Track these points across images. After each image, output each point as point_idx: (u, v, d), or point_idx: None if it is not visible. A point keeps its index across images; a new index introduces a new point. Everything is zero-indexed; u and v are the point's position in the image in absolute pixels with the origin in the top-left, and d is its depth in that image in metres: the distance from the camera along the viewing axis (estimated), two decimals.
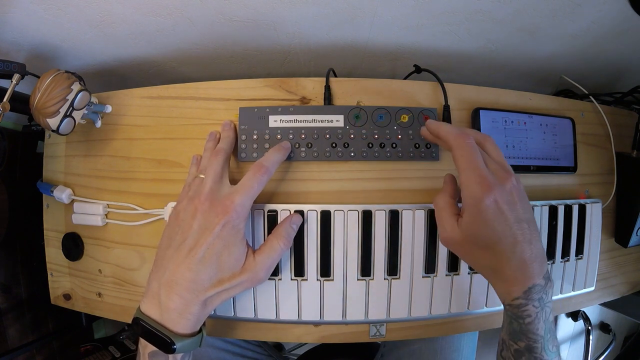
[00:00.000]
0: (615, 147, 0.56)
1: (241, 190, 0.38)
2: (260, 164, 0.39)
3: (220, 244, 0.36)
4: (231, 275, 0.37)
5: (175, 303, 0.35)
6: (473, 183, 0.34)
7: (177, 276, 0.35)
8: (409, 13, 0.49)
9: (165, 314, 0.35)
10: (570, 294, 0.51)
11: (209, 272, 0.36)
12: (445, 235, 0.38)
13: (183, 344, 0.35)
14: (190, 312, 0.35)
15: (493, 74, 0.71)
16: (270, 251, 0.39)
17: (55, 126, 0.41)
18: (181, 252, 0.36)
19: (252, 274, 0.38)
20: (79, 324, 0.83)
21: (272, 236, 0.40)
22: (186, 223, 0.37)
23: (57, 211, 0.52)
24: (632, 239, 0.55)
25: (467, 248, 0.36)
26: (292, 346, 1.12)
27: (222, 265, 0.36)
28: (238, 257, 0.37)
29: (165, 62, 0.61)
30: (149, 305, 0.36)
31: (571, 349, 1.18)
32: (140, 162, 0.48)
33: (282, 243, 0.40)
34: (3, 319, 0.73)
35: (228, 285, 0.36)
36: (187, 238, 0.36)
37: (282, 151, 0.42)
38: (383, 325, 0.47)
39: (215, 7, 0.47)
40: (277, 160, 0.41)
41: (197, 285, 0.35)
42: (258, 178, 0.38)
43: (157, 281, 0.36)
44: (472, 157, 0.35)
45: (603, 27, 0.52)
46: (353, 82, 0.47)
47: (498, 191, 0.34)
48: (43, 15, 0.45)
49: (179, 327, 0.35)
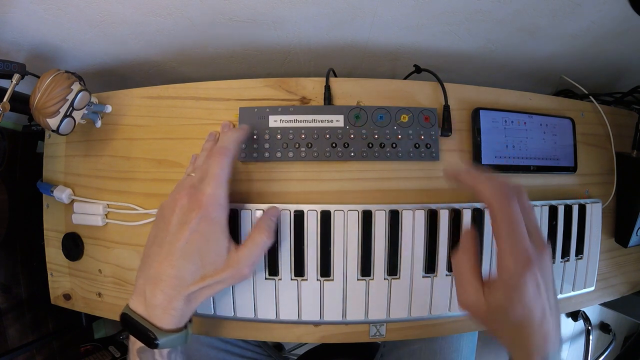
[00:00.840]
0: (615, 147, 0.55)
1: (208, 180, 0.37)
2: (217, 147, 0.39)
3: (199, 239, 0.36)
4: (214, 271, 0.37)
5: (158, 299, 0.35)
6: (515, 256, 0.31)
7: (160, 272, 0.35)
8: (409, 13, 0.49)
9: (150, 310, 0.35)
10: (570, 294, 0.51)
11: (191, 268, 0.36)
12: (467, 301, 0.34)
13: (167, 339, 0.35)
14: (173, 307, 0.35)
15: (493, 74, 0.71)
16: (253, 245, 0.39)
17: (55, 126, 0.41)
18: (163, 249, 0.36)
19: (235, 269, 0.37)
20: (79, 324, 0.84)
21: (253, 231, 0.40)
22: (167, 219, 0.37)
23: (57, 211, 0.52)
24: (632, 239, 0.55)
25: (490, 318, 0.33)
26: (292, 346, 1.12)
27: (204, 260, 0.36)
28: (219, 252, 0.37)
29: (165, 62, 0.61)
30: (136, 301, 0.36)
31: (571, 349, 1.18)
32: (140, 162, 0.48)
33: (264, 236, 0.39)
34: (3, 319, 0.73)
35: (211, 281, 0.36)
36: (168, 234, 0.36)
37: (240, 130, 0.42)
38: (383, 325, 0.47)
39: (215, 7, 0.47)
40: (234, 138, 0.40)
41: (180, 281, 0.35)
42: (219, 162, 0.38)
43: (143, 278, 0.37)
44: (517, 228, 0.31)
45: (603, 27, 0.52)
46: (353, 82, 0.47)
47: (537, 266, 0.31)
48: (43, 15, 0.45)
49: (163, 323, 0.35)
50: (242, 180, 0.46)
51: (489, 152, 0.47)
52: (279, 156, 0.45)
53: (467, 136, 0.49)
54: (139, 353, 0.36)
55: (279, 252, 0.44)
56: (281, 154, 0.45)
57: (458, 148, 0.48)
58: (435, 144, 0.46)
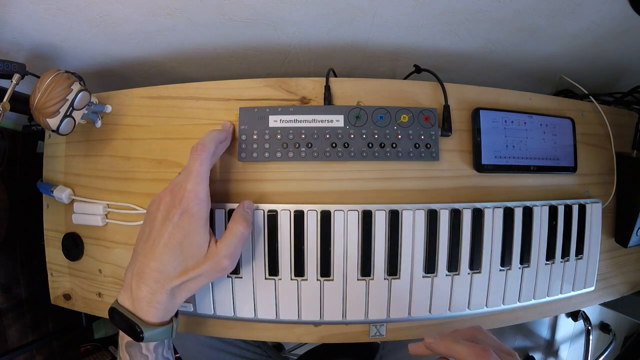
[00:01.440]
0: (615, 147, 0.55)
1: (188, 176, 0.38)
2: (195, 144, 0.40)
3: (180, 233, 0.36)
4: (195, 264, 0.37)
5: (143, 292, 0.36)
6: None
7: (144, 266, 0.36)
8: (409, 13, 0.49)
9: (136, 303, 0.36)
10: (570, 294, 0.51)
11: (173, 261, 0.36)
12: None
13: (152, 332, 0.36)
14: (157, 300, 0.36)
15: (493, 74, 0.71)
16: (231, 236, 0.39)
17: (55, 126, 0.41)
18: (148, 244, 0.37)
19: (214, 262, 0.38)
20: (79, 324, 0.84)
21: (230, 223, 0.40)
22: (153, 216, 0.38)
23: (57, 211, 0.52)
24: (632, 239, 0.55)
25: None
26: (292, 346, 1.12)
27: (185, 254, 0.37)
28: (200, 245, 0.37)
29: (165, 62, 0.61)
30: (124, 296, 0.37)
31: (571, 349, 1.18)
32: (140, 162, 0.48)
33: (241, 227, 0.39)
34: (3, 319, 0.73)
35: (193, 274, 0.37)
36: (152, 230, 0.37)
37: (220, 130, 0.43)
38: (383, 325, 0.47)
39: (215, 7, 0.47)
40: (214, 137, 0.41)
41: (163, 275, 0.36)
42: (197, 158, 0.38)
43: (130, 272, 0.37)
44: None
45: (603, 27, 0.52)
46: (353, 82, 0.47)
47: None
48: (43, 15, 0.45)
49: (149, 316, 0.36)
50: (242, 180, 0.46)
51: (489, 152, 0.48)
52: (279, 156, 0.45)
53: (467, 136, 0.49)
54: (127, 347, 0.37)
55: (279, 252, 0.44)
56: (281, 154, 0.45)
57: (458, 148, 0.48)
58: (435, 144, 0.46)
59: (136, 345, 0.37)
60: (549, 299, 0.50)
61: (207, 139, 0.40)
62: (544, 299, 0.49)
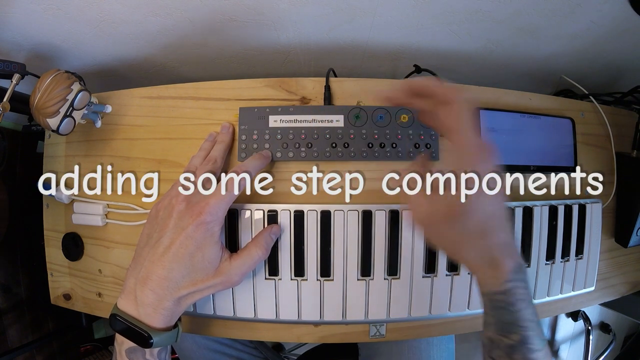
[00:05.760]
0: (615, 147, 0.55)
1: (217, 194, 0.38)
2: (239, 167, 0.40)
3: (192, 245, 0.36)
4: (204, 277, 0.37)
5: (149, 298, 0.35)
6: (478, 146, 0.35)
7: (151, 273, 0.36)
8: (409, 13, 0.49)
9: (141, 309, 0.36)
10: (570, 294, 0.51)
11: (182, 271, 0.36)
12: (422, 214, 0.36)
13: (160, 338, 0.36)
14: (163, 307, 0.36)
15: (493, 74, 0.71)
16: (247, 258, 0.40)
17: (55, 126, 0.41)
18: (157, 250, 0.36)
19: (226, 277, 0.38)
20: (79, 324, 0.84)
21: (251, 244, 0.41)
22: (164, 222, 0.38)
23: (57, 211, 0.52)
24: (632, 239, 0.55)
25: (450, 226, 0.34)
26: (292, 346, 1.12)
27: (195, 266, 0.37)
28: (211, 259, 0.37)
29: (165, 62, 0.61)
30: (126, 301, 0.37)
31: (571, 349, 1.18)
32: (140, 162, 0.48)
33: (260, 252, 0.40)
34: (3, 319, 0.73)
35: (202, 286, 0.37)
36: (163, 236, 0.37)
37: (262, 159, 0.43)
38: (383, 325, 0.47)
39: (215, 7, 0.47)
40: (256, 166, 0.42)
41: (170, 283, 0.36)
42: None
43: (134, 277, 0.37)
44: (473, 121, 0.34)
45: (603, 27, 0.52)
46: (353, 82, 0.47)
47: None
48: (43, 15, 0.45)
49: (154, 322, 0.36)
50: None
51: None
52: (279, 156, 0.45)
53: None
54: (128, 353, 0.36)
55: (279, 252, 0.44)
56: (281, 154, 0.45)
57: None
58: (435, 144, 0.46)
59: (139, 350, 0.36)
60: (549, 299, 0.50)
61: (250, 168, 0.41)
62: (544, 299, 0.49)
